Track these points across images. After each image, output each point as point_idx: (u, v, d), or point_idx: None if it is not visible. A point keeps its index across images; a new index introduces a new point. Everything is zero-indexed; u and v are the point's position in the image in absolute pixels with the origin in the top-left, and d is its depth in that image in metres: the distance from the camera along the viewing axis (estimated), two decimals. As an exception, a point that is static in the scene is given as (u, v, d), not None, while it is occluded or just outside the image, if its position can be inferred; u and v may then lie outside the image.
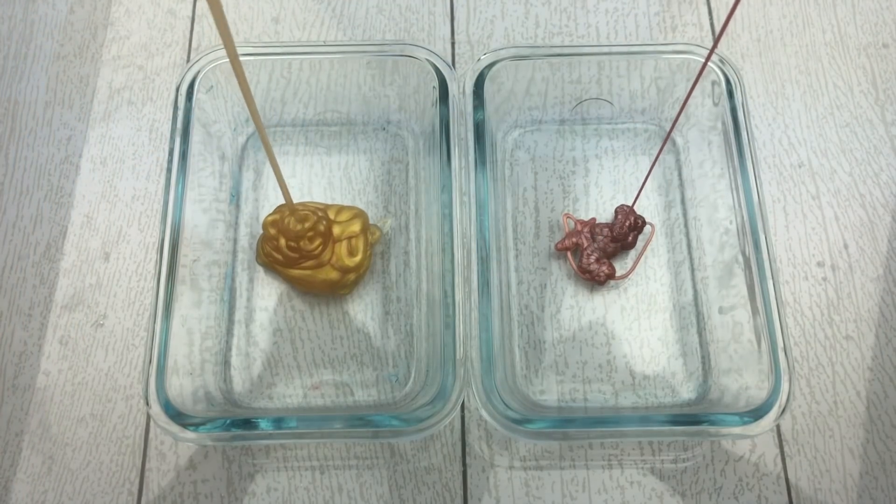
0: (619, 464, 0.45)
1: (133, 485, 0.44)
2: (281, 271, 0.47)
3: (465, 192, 0.44)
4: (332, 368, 0.46)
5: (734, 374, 0.44)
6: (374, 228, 0.49)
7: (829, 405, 0.46)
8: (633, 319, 0.47)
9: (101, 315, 0.48)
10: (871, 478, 0.44)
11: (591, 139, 0.52)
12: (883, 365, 0.47)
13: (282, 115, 0.52)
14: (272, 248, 0.47)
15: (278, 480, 0.44)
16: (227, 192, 0.50)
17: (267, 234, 0.47)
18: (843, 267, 0.49)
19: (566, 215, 0.49)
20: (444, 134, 0.45)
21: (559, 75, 0.49)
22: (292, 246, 0.46)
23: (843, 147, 0.52)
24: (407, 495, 0.44)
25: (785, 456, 0.45)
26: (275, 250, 0.47)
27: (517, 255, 0.49)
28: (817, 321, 0.48)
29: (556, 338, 0.47)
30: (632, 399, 0.46)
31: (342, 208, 0.48)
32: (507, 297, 0.47)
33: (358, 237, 0.47)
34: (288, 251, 0.46)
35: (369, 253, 0.47)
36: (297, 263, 0.46)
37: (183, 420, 0.39)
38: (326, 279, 0.46)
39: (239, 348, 0.47)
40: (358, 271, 0.47)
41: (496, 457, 0.45)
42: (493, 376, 0.40)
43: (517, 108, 0.51)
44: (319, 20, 0.56)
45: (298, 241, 0.46)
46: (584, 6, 0.56)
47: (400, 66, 0.48)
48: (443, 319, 0.41)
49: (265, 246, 0.48)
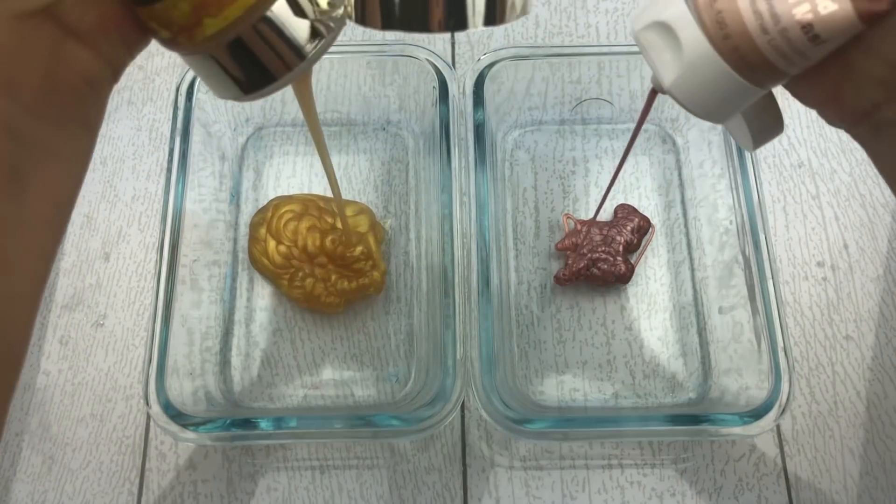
0: (619, 464, 0.45)
1: (133, 485, 0.44)
2: (275, 283, 0.47)
3: (465, 192, 0.44)
4: (332, 368, 0.46)
5: (734, 374, 0.44)
6: (379, 226, 0.49)
7: (829, 405, 0.46)
8: (632, 319, 0.47)
9: (101, 315, 0.48)
10: (872, 478, 0.44)
11: (591, 139, 0.52)
12: (883, 365, 0.47)
13: (282, 115, 0.52)
14: (260, 253, 0.47)
15: (278, 480, 0.44)
16: (227, 192, 0.50)
17: (255, 235, 0.47)
18: (843, 267, 0.49)
19: (566, 215, 0.49)
20: (444, 134, 0.45)
21: (559, 75, 0.49)
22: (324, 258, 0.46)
23: (843, 147, 0.52)
24: (407, 495, 0.44)
25: (785, 456, 0.45)
26: (263, 255, 0.47)
27: (517, 255, 0.49)
28: (817, 321, 0.48)
29: (556, 338, 0.47)
30: (632, 399, 0.46)
31: (346, 203, 0.48)
32: (507, 297, 0.47)
33: (367, 240, 0.47)
34: (279, 258, 0.46)
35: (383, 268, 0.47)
36: (294, 274, 0.46)
37: (183, 420, 0.39)
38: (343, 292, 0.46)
39: (239, 348, 0.47)
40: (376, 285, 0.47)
41: (496, 457, 0.45)
42: (493, 376, 0.40)
43: (517, 108, 0.51)
44: (319, 20, 0.56)
45: (350, 263, 0.46)
46: (584, 6, 0.56)
47: (400, 66, 0.48)
48: (443, 319, 0.41)
49: (253, 250, 0.47)
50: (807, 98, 0.26)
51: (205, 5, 0.24)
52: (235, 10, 0.24)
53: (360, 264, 0.46)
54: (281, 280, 0.47)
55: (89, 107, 0.26)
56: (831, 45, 0.22)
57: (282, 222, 0.47)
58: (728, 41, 0.23)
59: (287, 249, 0.46)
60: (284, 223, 0.47)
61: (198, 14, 0.24)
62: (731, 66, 0.24)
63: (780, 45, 0.23)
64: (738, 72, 0.24)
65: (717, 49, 0.24)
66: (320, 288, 0.46)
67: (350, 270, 0.46)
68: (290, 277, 0.46)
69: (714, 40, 0.24)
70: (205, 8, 0.24)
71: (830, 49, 0.23)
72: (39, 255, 0.25)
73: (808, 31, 0.22)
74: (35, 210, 0.24)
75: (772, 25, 0.22)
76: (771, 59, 0.23)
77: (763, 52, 0.23)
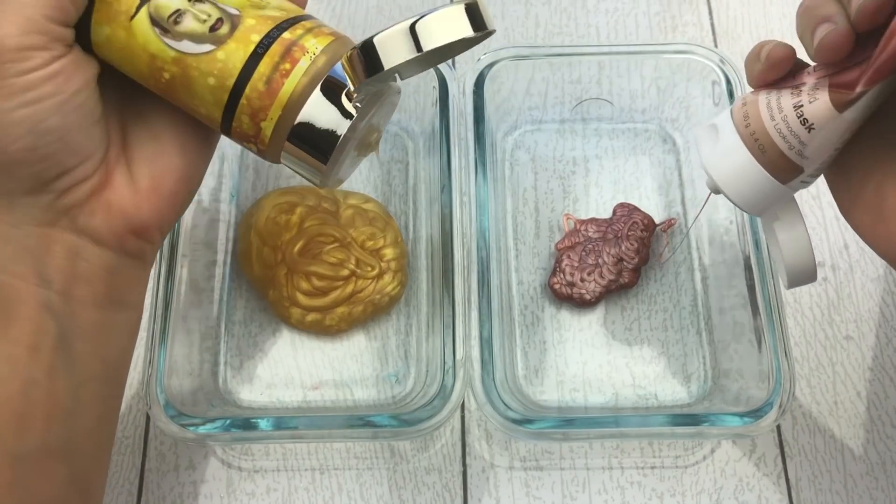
0: (619, 464, 0.45)
1: (133, 485, 0.44)
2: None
3: (465, 192, 0.44)
4: (331, 369, 0.46)
5: (734, 374, 0.44)
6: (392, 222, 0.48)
7: (830, 405, 0.46)
8: (633, 319, 0.47)
9: (101, 315, 0.48)
10: (872, 478, 0.44)
11: (591, 139, 0.52)
12: (883, 365, 0.47)
13: (282, 115, 0.52)
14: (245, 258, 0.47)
15: (278, 480, 0.44)
16: (227, 192, 0.50)
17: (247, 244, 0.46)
18: (843, 267, 0.49)
19: (566, 215, 0.49)
20: (444, 134, 0.45)
21: (559, 75, 0.49)
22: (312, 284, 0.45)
23: (843, 147, 0.52)
24: (407, 496, 0.44)
25: (785, 456, 0.45)
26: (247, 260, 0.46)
27: (517, 255, 0.49)
28: (817, 321, 0.48)
29: (556, 338, 0.47)
30: (632, 399, 0.46)
31: (349, 193, 0.48)
32: (507, 297, 0.47)
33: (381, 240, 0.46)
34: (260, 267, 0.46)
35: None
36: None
37: (183, 420, 0.39)
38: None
39: (239, 348, 0.47)
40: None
41: (496, 457, 0.45)
42: (493, 376, 0.40)
43: (517, 108, 0.51)
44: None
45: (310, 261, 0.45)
46: (584, 6, 0.56)
47: (400, 66, 0.48)
48: (443, 319, 0.41)
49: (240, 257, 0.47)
50: (857, 226, 0.32)
51: (255, 112, 0.30)
52: (277, 109, 0.30)
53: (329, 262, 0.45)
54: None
55: (123, 291, 0.32)
56: (822, 133, 0.29)
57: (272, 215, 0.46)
58: (748, 129, 0.31)
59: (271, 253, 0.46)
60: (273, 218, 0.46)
61: (256, 121, 0.31)
62: (751, 151, 0.31)
63: (783, 129, 0.29)
64: (755, 156, 0.31)
65: (742, 138, 0.31)
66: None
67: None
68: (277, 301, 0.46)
69: (740, 131, 0.31)
70: (257, 114, 0.30)
71: (823, 137, 0.29)
72: (96, 398, 0.31)
73: (800, 116, 0.29)
74: (89, 374, 0.30)
75: (777, 113, 0.30)
76: (777, 142, 0.30)
77: (771, 136, 0.30)
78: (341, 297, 0.45)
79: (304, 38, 0.31)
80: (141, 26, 0.30)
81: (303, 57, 0.30)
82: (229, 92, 0.30)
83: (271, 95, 0.30)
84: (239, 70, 0.30)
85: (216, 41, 0.30)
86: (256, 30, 0.30)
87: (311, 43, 0.31)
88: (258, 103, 0.30)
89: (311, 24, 0.32)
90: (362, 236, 0.46)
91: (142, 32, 0.30)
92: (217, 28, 0.30)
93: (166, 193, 0.32)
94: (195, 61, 0.30)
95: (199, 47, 0.30)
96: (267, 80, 0.30)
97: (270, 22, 0.31)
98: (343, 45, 0.32)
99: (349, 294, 0.45)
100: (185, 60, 0.30)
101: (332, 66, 0.31)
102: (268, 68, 0.30)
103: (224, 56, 0.30)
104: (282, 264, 0.45)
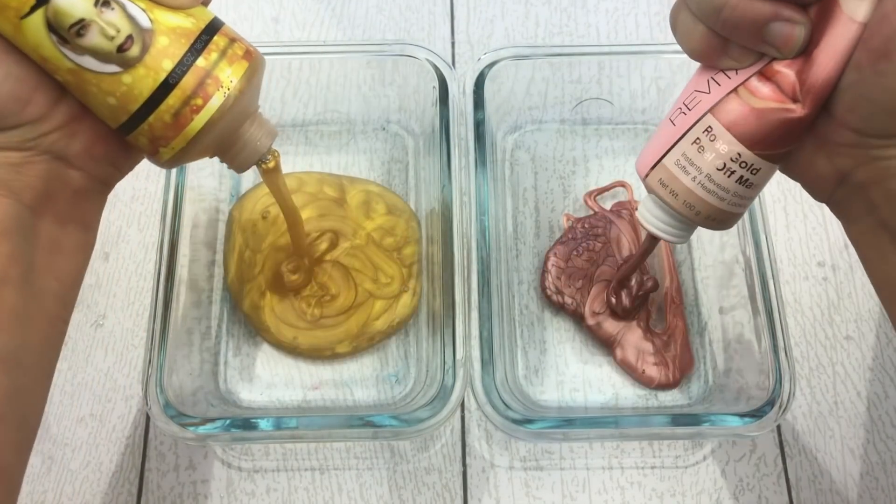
0: (619, 464, 0.44)
1: (133, 485, 0.44)
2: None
3: (465, 192, 0.44)
4: (332, 368, 0.46)
5: (735, 374, 0.44)
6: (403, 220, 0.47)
7: (830, 405, 0.46)
8: (633, 319, 0.47)
9: (101, 315, 0.48)
10: (872, 478, 0.44)
11: (591, 139, 0.52)
12: (883, 365, 0.47)
13: (282, 115, 0.52)
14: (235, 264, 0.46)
15: (278, 480, 0.44)
16: (227, 192, 0.50)
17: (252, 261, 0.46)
18: (843, 267, 0.49)
19: (566, 215, 0.49)
20: (444, 134, 0.45)
21: (559, 75, 0.49)
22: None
23: (843, 147, 0.52)
24: (407, 496, 0.44)
25: (785, 456, 0.45)
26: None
27: (517, 255, 0.49)
28: (818, 321, 0.48)
29: (556, 338, 0.47)
30: (632, 399, 0.46)
31: (353, 180, 0.47)
32: (507, 297, 0.47)
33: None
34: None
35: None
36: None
37: (183, 420, 0.39)
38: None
39: (239, 348, 0.47)
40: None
41: (496, 457, 0.45)
42: (493, 376, 0.40)
43: (517, 108, 0.51)
44: (319, 20, 0.56)
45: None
46: (584, 6, 0.56)
47: (400, 66, 0.48)
48: (443, 319, 0.41)
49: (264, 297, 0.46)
50: (793, 174, 0.31)
51: (156, 139, 0.30)
52: (181, 141, 0.30)
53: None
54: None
55: (84, 211, 0.33)
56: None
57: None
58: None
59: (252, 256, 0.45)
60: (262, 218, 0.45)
61: (154, 145, 0.30)
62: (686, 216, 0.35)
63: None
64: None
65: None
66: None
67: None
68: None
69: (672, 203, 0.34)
70: (158, 140, 0.30)
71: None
72: (47, 315, 0.31)
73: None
74: (44, 289, 0.31)
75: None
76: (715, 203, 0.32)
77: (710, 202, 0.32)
78: (350, 331, 0.45)
79: (219, 66, 0.29)
80: (34, 29, 0.27)
81: (216, 92, 0.29)
82: (130, 115, 0.29)
83: (177, 129, 0.29)
84: (146, 98, 0.28)
85: (123, 63, 0.28)
86: (169, 54, 0.28)
87: (226, 75, 0.29)
88: (161, 133, 0.29)
89: (223, 41, 0.30)
90: (380, 231, 0.45)
91: (34, 35, 0.27)
92: (126, 49, 0.28)
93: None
94: (95, 78, 0.28)
95: (104, 67, 0.28)
96: (175, 114, 0.29)
97: (184, 42, 0.28)
98: (258, 64, 0.31)
99: (360, 325, 0.45)
100: (83, 75, 0.28)
101: (246, 96, 0.30)
102: (178, 101, 0.28)
103: (131, 81, 0.28)
104: (260, 277, 0.45)
